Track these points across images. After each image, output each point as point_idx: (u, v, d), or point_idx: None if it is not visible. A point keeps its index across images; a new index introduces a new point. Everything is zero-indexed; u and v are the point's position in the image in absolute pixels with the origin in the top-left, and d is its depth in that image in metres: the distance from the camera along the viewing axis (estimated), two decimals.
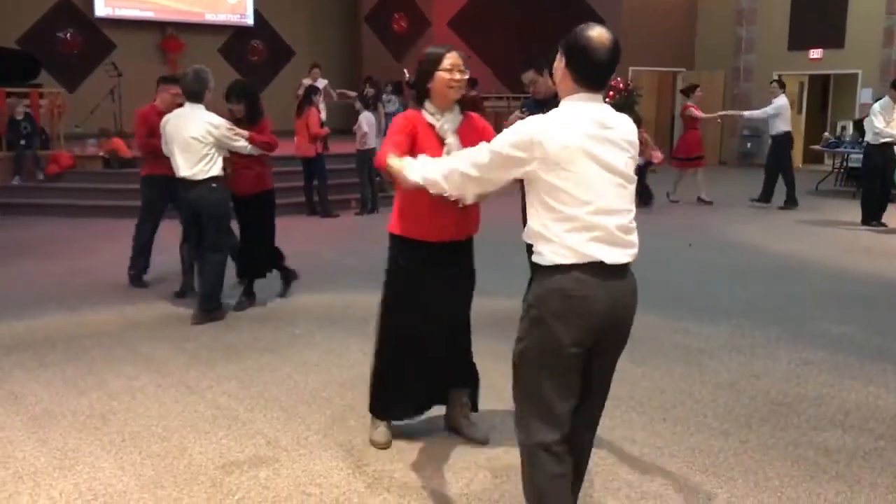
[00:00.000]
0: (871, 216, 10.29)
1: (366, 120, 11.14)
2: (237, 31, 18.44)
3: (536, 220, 2.57)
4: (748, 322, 5.89)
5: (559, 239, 2.50)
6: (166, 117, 5.91)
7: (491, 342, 4.46)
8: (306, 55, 18.82)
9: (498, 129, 3.04)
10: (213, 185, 5.76)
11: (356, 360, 5.01)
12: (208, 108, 5.83)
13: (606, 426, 3.99)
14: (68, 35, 16.42)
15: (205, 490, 3.36)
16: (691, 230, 9.84)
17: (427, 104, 3.51)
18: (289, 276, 6.70)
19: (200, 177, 5.72)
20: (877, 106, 10.07)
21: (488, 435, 3.84)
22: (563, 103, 2.61)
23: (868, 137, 10.25)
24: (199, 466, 3.57)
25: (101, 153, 12.03)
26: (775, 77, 14.07)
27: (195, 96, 5.77)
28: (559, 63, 2.61)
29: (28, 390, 4.50)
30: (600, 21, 12.24)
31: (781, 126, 11.67)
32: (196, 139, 5.66)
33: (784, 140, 11.75)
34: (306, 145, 10.72)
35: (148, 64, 15.86)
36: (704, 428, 4.00)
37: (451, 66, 3.45)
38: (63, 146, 12.37)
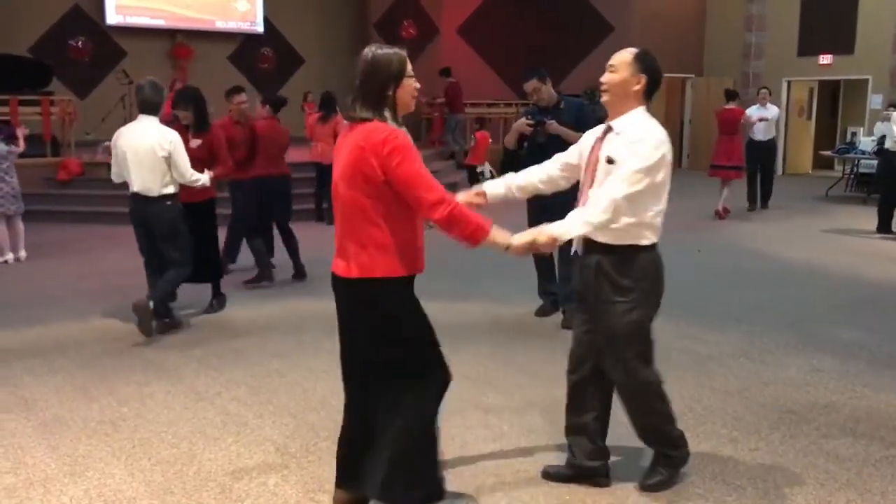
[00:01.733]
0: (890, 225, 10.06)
1: None
2: (247, 39, 18.51)
3: (633, 212, 3.13)
4: (757, 328, 5.86)
5: (653, 225, 3.22)
6: (119, 132, 5.68)
7: (495, 348, 4.45)
8: (316, 62, 18.89)
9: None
10: (169, 202, 5.59)
11: None
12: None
13: (614, 435, 3.98)
14: (79, 43, 16.51)
15: (214, 496, 3.37)
16: (699, 236, 9.81)
17: (390, 115, 2.93)
18: (219, 298, 6.50)
19: (155, 193, 5.52)
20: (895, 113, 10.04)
21: None
22: (640, 113, 3.26)
23: (888, 144, 10.21)
24: (209, 473, 3.58)
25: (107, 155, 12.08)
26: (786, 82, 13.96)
27: (153, 108, 5.58)
28: (636, 78, 3.22)
29: (39, 396, 4.53)
30: (610, 28, 12.42)
31: (771, 132, 11.88)
32: (154, 153, 5.46)
33: (772, 146, 12.06)
34: (331, 153, 10.71)
35: (158, 71, 15.85)
36: (713, 436, 3.99)
37: (412, 72, 3.01)
38: (74, 153, 12.44)
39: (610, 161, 3.21)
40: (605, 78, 3.28)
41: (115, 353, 5.31)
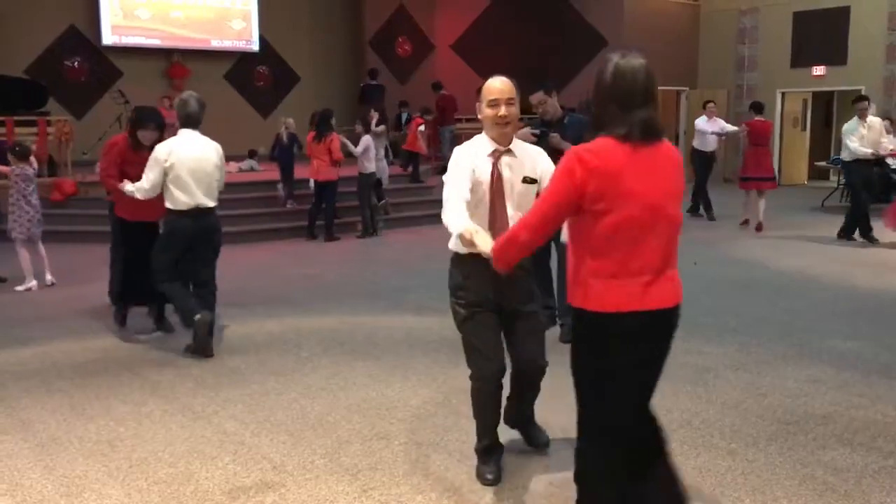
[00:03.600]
0: (866, 230, 10.37)
1: (366, 143, 11.22)
2: (242, 57, 18.57)
3: None
4: (754, 339, 5.87)
5: None
6: (170, 147, 5.51)
7: None
8: (312, 80, 18.96)
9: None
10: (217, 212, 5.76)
11: (362, 383, 5.01)
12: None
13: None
14: (75, 63, 16.57)
15: None
16: (695, 247, 9.82)
17: None
18: (163, 320, 6.34)
19: (212, 204, 5.64)
20: (851, 126, 10.32)
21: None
22: None
23: (844, 155, 10.51)
24: (206, 492, 3.57)
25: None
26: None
27: (198, 122, 5.64)
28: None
29: (35, 417, 4.51)
30: (603, 42, 12.43)
31: (714, 144, 12.40)
32: (216, 164, 5.60)
33: (713, 158, 12.55)
34: (328, 170, 10.81)
35: (155, 91, 15.99)
36: (711, 448, 3.98)
37: None
38: (71, 173, 12.46)
39: (530, 181, 3.48)
40: (510, 111, 3.47)
41: (111, 373, 5.30)
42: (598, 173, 2.54)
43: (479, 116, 3.54)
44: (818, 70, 17.16)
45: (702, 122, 12.45)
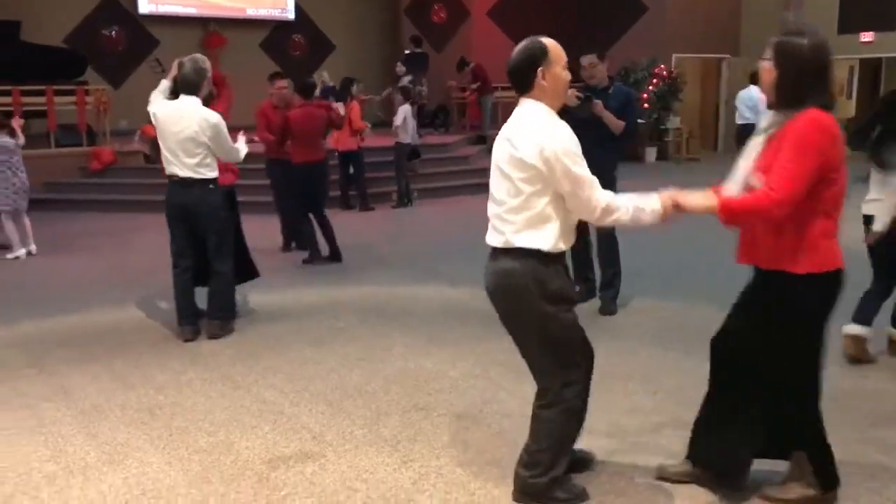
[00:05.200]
0: None
1: (404, 113, 11.12)
2: (278, 26, 18.53)
3: None
4: None
5: None
6: (153, 110, 5.31)
7: None
8: (347, 49, 18.88)
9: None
10: (211, 185, 5.30)
11: (399, 354, 4.98)
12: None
13: (654, 421, 3.91)
14: (113, 32, 16.66)
15: (251, 486, 3.36)
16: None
17: None
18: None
19: (196, 176, 5.22)
20: None
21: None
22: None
23: None
24: (246, 462, 3.58)
25: (143, 143, 12.09)
26: None
27: (192, 88, 5.24)
28: None
29: (76, 385, 4.56)
30: (643, 8, 12.03)
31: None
32: (191, 137, 5.17)
33: None
34: (348, 139, 10.73)
35: None
36: None
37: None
38: (109, 142, 12.55)
39: None
40: None
41: (151, 341, 5.34)
42: (839, 142, 2.85)
43: (546, 84, 3.00)
44: (866, 36, 16.62)
45: (759, 92, 11.97)
